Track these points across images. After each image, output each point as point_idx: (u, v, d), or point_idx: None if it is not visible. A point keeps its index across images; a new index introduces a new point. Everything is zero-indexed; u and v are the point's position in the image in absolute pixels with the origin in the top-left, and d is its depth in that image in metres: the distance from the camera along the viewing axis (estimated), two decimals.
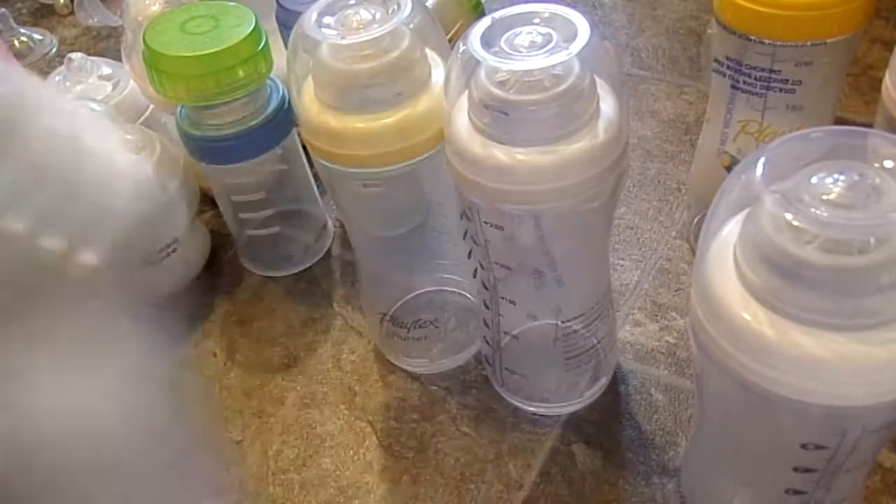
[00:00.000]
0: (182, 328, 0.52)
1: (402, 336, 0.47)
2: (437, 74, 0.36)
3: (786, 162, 0.24)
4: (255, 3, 0.47)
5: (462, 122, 0.33)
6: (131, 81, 0.56)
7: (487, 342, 0.42)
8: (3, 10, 0.83)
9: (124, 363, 0.27)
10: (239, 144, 0.46)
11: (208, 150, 0.47)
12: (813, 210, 0.23)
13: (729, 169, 0.45)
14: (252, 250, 0.55)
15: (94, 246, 0.25)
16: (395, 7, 0.34)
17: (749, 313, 0.24)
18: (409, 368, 0.48)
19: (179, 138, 0.48)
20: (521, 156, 0.31)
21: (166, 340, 0.31)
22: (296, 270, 0.54)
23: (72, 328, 0.25)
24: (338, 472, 0.43)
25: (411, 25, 0.35)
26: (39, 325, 0.25)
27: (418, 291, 0.49)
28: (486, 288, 0.39)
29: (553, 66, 0.30)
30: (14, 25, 0.84)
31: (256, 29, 0.44)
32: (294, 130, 0.49)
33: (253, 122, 0.46)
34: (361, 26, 0.34)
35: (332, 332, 0.50)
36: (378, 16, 0.34)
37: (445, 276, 0.48)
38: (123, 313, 0.28)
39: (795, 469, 0.27)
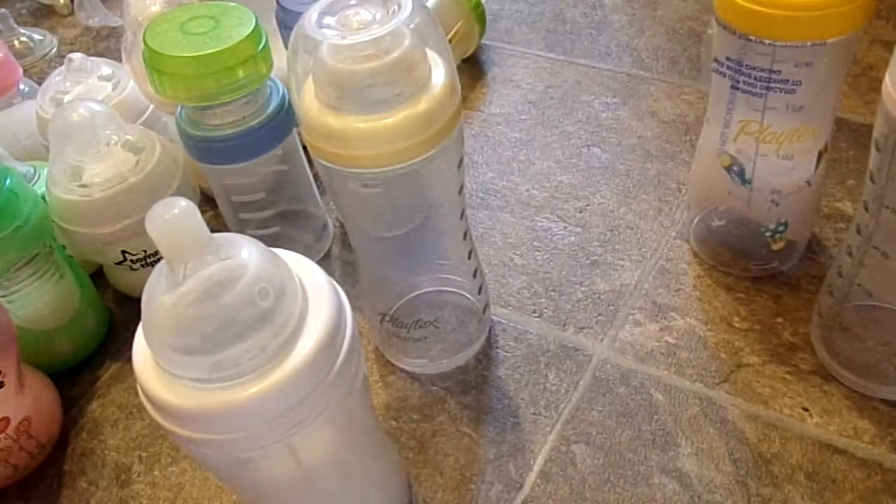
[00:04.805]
0: None
1: (402, 336, 0.47)
2: (438, 75, 0.36)
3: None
4: (255, 3, 0.47)
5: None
6: (131, 81, 0.56)
7: None
8: (3, 10, 0.83)
9: None
10: (239, 144, 0.46)
11: (208, 150, 0.47)
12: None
13: (729, 169, 0.45)
14: None
15: None
16: (396, 7, 0.34)
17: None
18: (409, 368, 0.48)
19: (179, 138, 0.48)
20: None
21: None
22: None
23: None
24: None
25: (412, 26, 0.34)
26: None
27: (418, 291, 0.49)
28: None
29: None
30: (14, 25, 0.84)
31: (256, 29, 0.44)
32: (294, 130, 0.49)
33: (253, 122, 0.46)
34: (362, 26, 0.34)
35: None
36: (378, 16, 0.34)
37: (445, 276, 0.48)
38: None
39: None
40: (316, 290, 0.29)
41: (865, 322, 0.43)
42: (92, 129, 0.47)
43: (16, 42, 0.83)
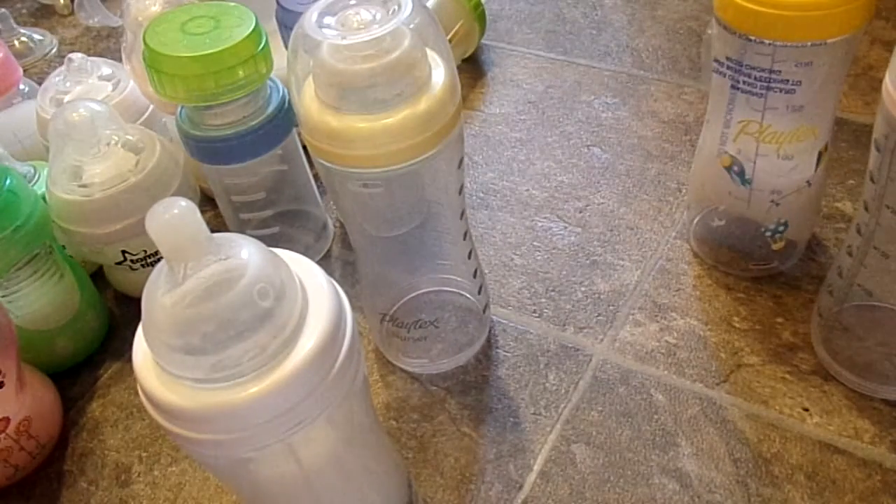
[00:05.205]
0: None
1: (402, 336, 0.47)
2: (438, 74, 0.36)
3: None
4: (255, 3, 0.47)
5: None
6: (131, 81, 0.56)
7: None
8: (3, 10, 0.83)
9: None
10: (239, 144, 0.46)
11: (208, 150, 0.47)
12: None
13: (729, 169, 0.45)
14: None
15: None
16: (396, 7, 0.34)
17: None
18: (409, 368, 0.48)
19: (179, 138, 0.48)
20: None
21: None
22: None
23: None
24: None
25: (412, 26, 0.35)
26: None
27: (418, 291, 0.49)
28: None
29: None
30: (14, 25, 0.84)
31: (256, 29, 0.44)
32: (294, 130, 0.49)
33: (253, 122, 0.46)
34: (362, 26, 0.34)
35: None
36: (378, 16, 0.34)
37: (445, 276, 0.48)
38: None
39: None
40: (316, 290, 0.29)
41: (865, 322, 0.43)
42: (92, 129, 0.47)
43: (16, 42, 0.83)
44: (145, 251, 0.51)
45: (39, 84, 0.59)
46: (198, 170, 0.52)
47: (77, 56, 0.56)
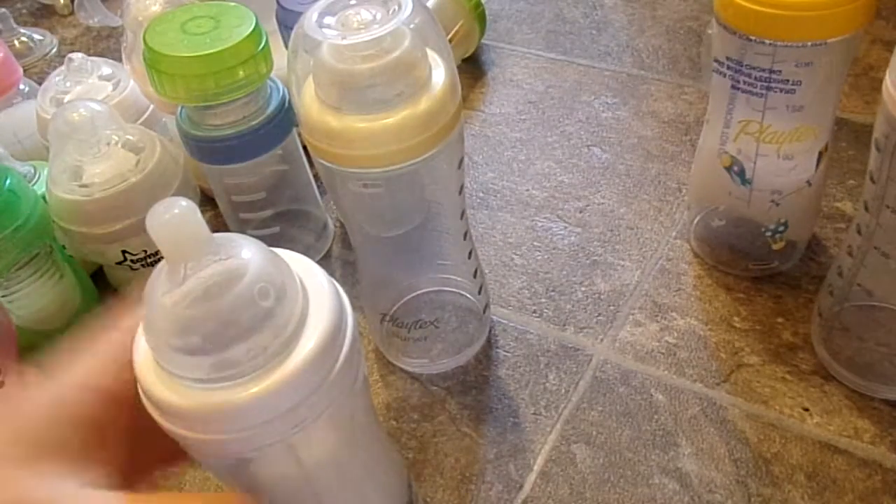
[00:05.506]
0: None
1: (402, 336, 0.47)
2: (438, 74, 0.36)
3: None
4: (255, 3, 0.47)
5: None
6: (131, 81, 0.56)
7: None
8: (3, 10, 0.83)
9: None
10: (239, 144, 0.46)
11: (208, 150, 0.47)
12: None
13: (729, 169, 0.45)
14: None
15: None
16: (396, 7, 0.34)
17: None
18: (409, 368, 0.48)
19: (179, 138, 0.48)
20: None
21: None
22: None
23: None
24: None
25: (412, 26, 0.35)
26: None
27: (418, 291, 0.49)
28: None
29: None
30: (14, 25, 0.84)
31: (256, 29, 0.44)
32: (294, 130, 0.49)
33: (253, 122, 0.46)
34: (362, 26, 0.34)
35: None
36: (379, 16, 0.34)
37: (445, 276, 0.48)
38: None
39: None
40: (317, 289, 0.29)
41: (865, 322, 0.43)
42: (92, 129, 0.47)
43: (16, 42, 0.83)
44: (145, 251, 0.51)
45: (39, 84, 0.59)
46: (198, 170, 0.52)
47: (77, 56, 0.56)
